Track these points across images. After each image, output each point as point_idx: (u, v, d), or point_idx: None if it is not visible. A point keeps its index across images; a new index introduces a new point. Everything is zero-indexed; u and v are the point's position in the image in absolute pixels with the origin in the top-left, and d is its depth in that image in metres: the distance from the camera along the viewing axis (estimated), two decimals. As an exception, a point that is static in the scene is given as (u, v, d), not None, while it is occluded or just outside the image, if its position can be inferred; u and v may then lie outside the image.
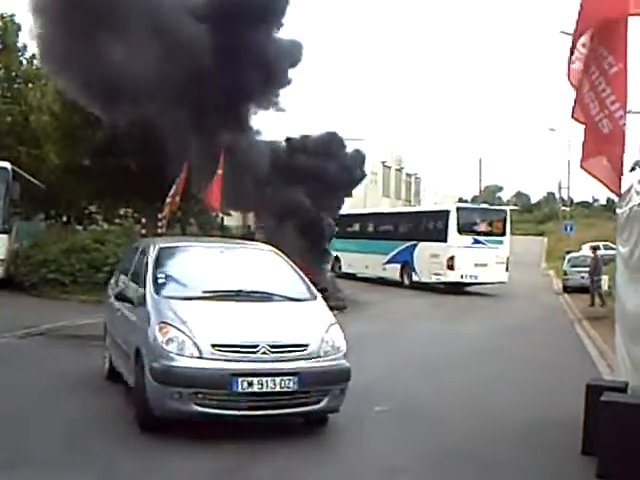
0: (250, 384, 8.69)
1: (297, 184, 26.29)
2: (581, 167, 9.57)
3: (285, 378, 8.84)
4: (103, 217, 35.84)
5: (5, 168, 24.55)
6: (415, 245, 36.25)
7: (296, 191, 26.23)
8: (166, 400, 8.68)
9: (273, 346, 8.96)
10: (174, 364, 8.74)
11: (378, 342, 18.49)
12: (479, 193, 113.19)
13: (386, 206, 64.98)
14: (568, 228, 59.44)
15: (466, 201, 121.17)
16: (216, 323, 9.29)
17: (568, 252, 44.56)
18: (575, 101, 9.46)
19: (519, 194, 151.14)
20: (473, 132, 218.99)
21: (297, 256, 27.11)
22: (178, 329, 8.98)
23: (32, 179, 28.70)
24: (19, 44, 35.19)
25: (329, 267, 31.02)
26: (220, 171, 22.26)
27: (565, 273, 38.09)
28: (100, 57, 21.84)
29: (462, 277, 33.94)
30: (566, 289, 36.91)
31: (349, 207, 42.91)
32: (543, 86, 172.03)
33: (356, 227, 40.11)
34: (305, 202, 26.39)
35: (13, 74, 35.22)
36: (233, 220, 39.39)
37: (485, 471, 8.41)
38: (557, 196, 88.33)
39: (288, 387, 8.85)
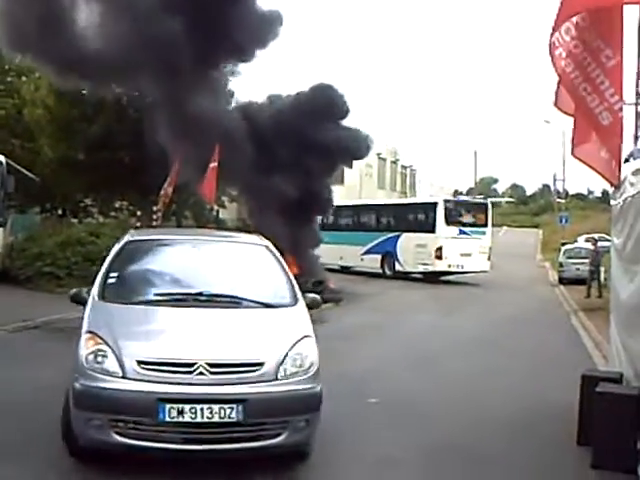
0: (180, 412, 7.09)
1: (282, 157, 25.54)
2: (573, 155, 9.59)
3: (226, 406, 7.17)
4: (98, 210, 35.74)
5: (-1, 161, 24.47)
6: (398, 236, 37.05)
7: (280, 173, 25.28)
8: (87, 427, 7.26)
9: (214, 365, 7.27)
10: (92, 384, 7.24)
11: (375, 334, 18.58)
12: (474, 185, 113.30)
13: (382, 198, 65.08)
14: (563, 220, 59.55)
15: (461, 193, 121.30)
16: (153, 334, 7.80)
17: (564, 244, 44.61)
18: (558, 90, 9.46)
19: (514, 186, 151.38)
20: (468, 124, 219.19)
21: (289, 248, 27.23)
22: (104, 341, 7.47)
23: (26, 172, 28.62)
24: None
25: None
26: (215, 163, 22.22)
27: (561, 265, 38.10)
28: (67, 28, 21.57)
29: (449, 266, 35.15)
30: (562, 281, 36.95)
31: (344, 198, 42.90)
32: (538, 78, 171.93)
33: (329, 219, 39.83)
34: (289, 189, 25.51)
35: (6, 67, 35.07)
36: (228, 213, 39.32)
37: (480, 463, 8.40)
38: (552, 188, 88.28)
39: (230, 417, 7.19)
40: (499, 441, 9.14)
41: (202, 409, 7.13)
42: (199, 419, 7.14)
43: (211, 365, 7.25)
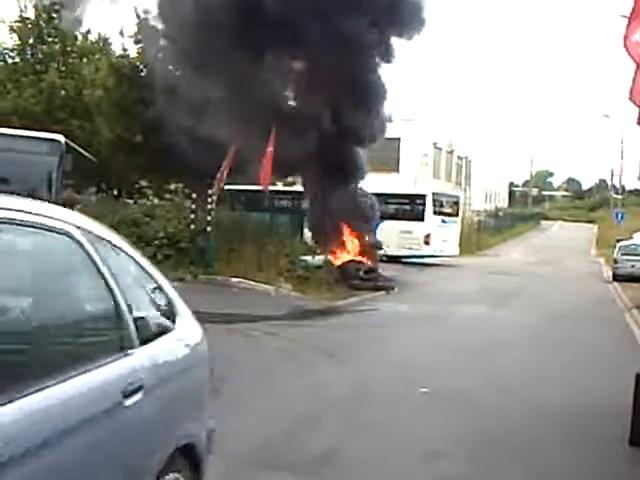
0: None
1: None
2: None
3: None
4: (154, 192, 36.03)
5: (58, 141, 24.65)
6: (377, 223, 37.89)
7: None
8: None
9: None
10: None
11: (425, 323, 18.68)
12: (530, 178, 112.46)
13: (437, 188, 65.12)
14: (619, 216, 58.82)
15: (517, 185, 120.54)
16: None
17: (619, 240, 44.01)
18: (634, 84, 9.31)
19: (570, 180, 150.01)
20: (526, 117, 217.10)
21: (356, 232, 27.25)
22: None
23: (84, 152, 28.93)
24: (75, 19, 35.39)
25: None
26: (271, 148, 22.26)
27: (615, 261, 37.58)
28: None
29: (434, 251, 38.52)
30: (615, 277, 36.46)
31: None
32: (599, 71, 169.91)
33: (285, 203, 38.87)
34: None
35: (68, 49, 35.44)
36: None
37: (527, 458, 8.32)
38: (609, 183, 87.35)
39: None
40: (549, 437, 9.03)
41: None
42: None
43: None
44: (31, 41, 34.64)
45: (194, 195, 23.86)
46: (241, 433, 8.20)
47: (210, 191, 22.81)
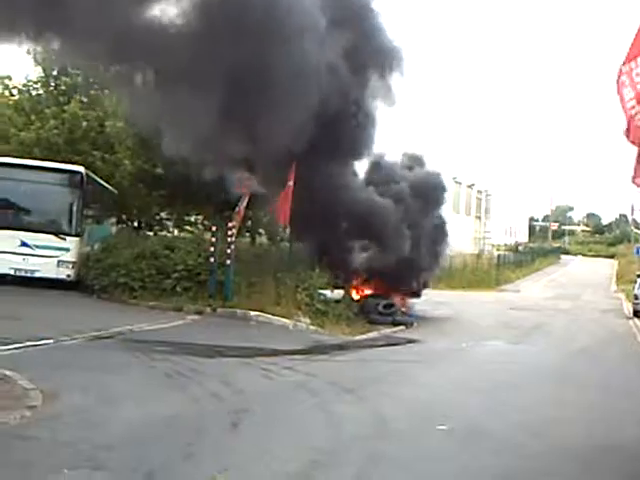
0: None
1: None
2: (634, 183, 9.49)
3: None
4: (174, 224, 36.11)
5: (79, 172, 24.93)
6: None
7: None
8: None
9: None
10: None
11: (444, 359, 18.58)
12: (550, 212, 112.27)
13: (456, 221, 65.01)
14: (640, 251, 58.67)
15: (537, 220, 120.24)
16: None
17: (639, 275, 43.74)
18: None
19: (590, 215, 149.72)
20: (546, 151, 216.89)
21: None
22: None
23: (105, 184, 29.10)
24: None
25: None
26: (291, 182, 22.20)
27: (636, 297, 37.30)
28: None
29: None
30: (636, 313, 36.19)
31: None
32: (618, 106, 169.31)
33: None
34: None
35: (90, 80, 35.66)
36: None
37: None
38: (630, 218, 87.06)
39: None
40: (569, 476, 8.92)
41: None
42: None
43: None
44: (55, 73, 34.87)
45: (214, 227, 23.85)
46: (262, 470, 8.14)
47: (230, 224, 22.80)
